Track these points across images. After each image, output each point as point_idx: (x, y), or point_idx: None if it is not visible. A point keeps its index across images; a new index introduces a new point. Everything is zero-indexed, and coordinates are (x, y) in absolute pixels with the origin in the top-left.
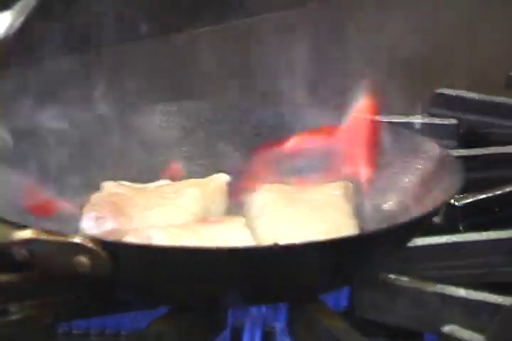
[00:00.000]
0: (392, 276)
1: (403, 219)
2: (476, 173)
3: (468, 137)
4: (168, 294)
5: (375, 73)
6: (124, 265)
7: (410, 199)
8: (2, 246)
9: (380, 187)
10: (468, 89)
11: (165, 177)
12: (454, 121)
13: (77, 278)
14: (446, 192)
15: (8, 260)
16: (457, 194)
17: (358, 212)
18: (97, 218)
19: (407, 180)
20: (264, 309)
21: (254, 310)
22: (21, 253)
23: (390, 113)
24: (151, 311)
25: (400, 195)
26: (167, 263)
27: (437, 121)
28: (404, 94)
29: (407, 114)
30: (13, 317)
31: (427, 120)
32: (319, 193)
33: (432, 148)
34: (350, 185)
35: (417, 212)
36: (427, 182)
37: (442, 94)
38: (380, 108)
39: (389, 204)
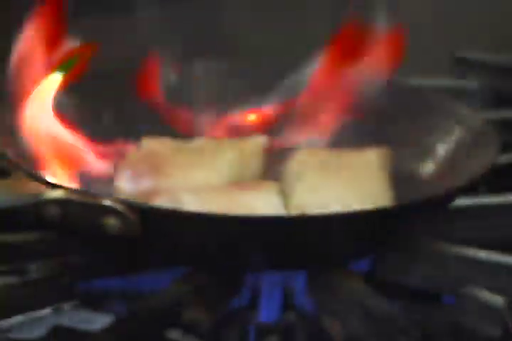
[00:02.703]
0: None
1: (437, 188)
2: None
3: (490, 99)
4: (192, 258)
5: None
6: (152, 228)
7: (445, 168)
8: (35, 204)
9: (415, 153)
10: (492, 52)
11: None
12: (476, 84)
13: (104, 240)
14: (483, 162)
15: (25, 219)
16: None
17: (393, 179)
18: (133, 176)
19: (442, 147)
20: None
21: (273, 271)
22: (52, 211)
23: (413, 75)
24: (171, 272)
25: (434, 163)
26: (194, 229)
27: (460, 83)
28: (427, 57)
29: (430, 76)
30: (32, 277)
31: (449, 82)
32: (357, 160)
33: (471, 117)
34: (388, 151)
35: (451, 182)
36: (462, 152)
37: (465, 56)
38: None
39: (423, 172)
